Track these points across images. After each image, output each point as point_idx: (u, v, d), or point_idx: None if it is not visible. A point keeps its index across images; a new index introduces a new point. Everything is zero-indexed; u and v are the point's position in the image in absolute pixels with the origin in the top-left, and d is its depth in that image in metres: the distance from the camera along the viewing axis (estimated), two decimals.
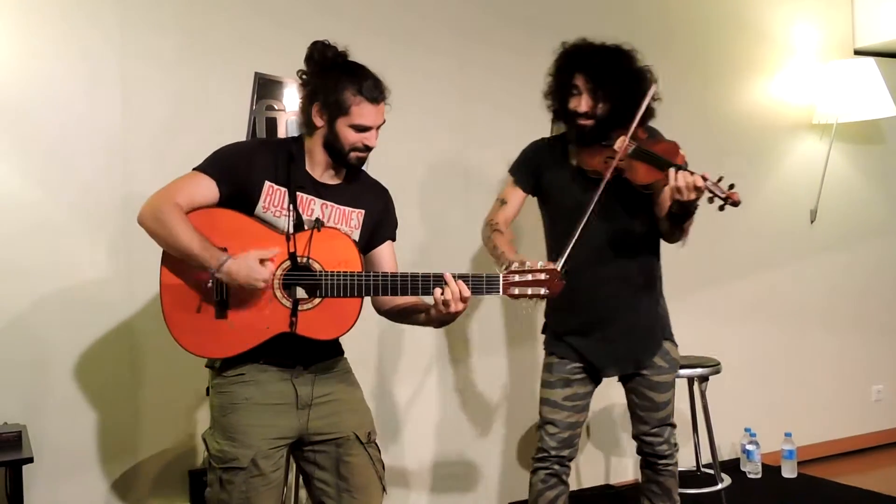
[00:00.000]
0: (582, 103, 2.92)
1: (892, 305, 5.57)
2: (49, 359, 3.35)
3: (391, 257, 2.65)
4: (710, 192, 2.70)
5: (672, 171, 2.73)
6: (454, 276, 2.39)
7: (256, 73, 3.64)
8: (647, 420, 3.17)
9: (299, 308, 2.37)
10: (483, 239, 3.11)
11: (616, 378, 3.19)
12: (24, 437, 3.02)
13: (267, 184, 2.43)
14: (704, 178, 2.71)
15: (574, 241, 2.73)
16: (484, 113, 4.19)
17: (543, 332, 3.25)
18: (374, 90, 2.44)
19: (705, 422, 4.17)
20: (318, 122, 2.45)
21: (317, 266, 2.38)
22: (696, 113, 4.85)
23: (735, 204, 2.70)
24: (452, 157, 4.14)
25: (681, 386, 4.12)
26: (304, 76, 2.50)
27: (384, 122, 2.50)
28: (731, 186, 2.71)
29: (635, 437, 3.23)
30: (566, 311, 3.11)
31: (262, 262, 2.32)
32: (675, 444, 3.22)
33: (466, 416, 4.23)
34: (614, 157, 2.86)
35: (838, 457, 5.26)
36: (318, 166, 2.50)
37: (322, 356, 2.53)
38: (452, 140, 4.14)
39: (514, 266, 2.44)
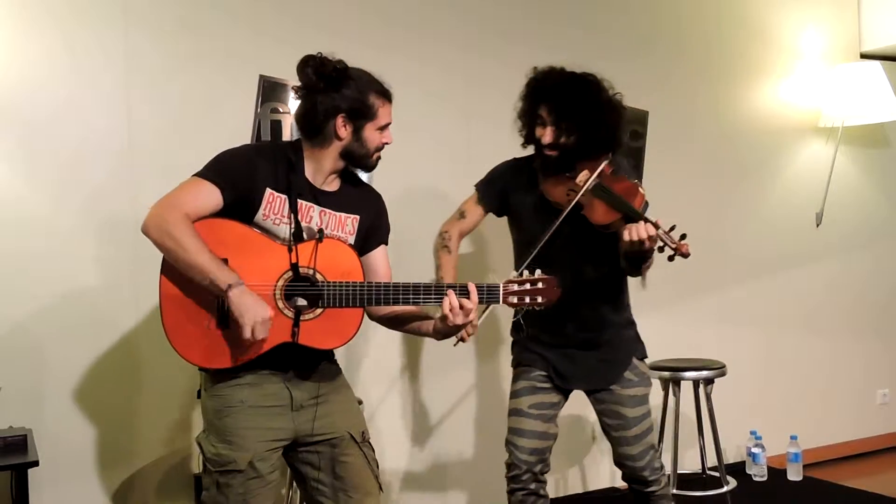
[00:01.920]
0: (546, 134, 2.86)
1: None
2: (54, 363, 3.36)
3: (384, 261, 2.66)
4: (662, 240, 2.65)
5: (625, 226, 2.67)
6: (456, 289, 2.40)
7: (261, 77, 3.64)
8: (623, 441, 3.02)
9: (301, 318, 2.37)
10: (434, 247, 3.11)
11: (585, 396, 3.11)
12: (29, 441, 3.02)
13: (268, 191, 2.41)
14: (657, 227, 2.64)
15: (525, 267, 2.69)
16: (486, 129, 4.19)
17: (512, 349, 3.20)
18: (387, 88, 2.50)
19: (711, 424, 4.16)
20: (343, 133, 2.44)
21: (319, 277, 2.38)
22: (704, 116, 4.85)
23: (684, 256, 2.63)
24: (452, 159, 4.15)
25: (686, 388, 4.13)
26: (306, 90, 2.45)
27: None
28: (683, 237, 2.65)
29: (616, 463, 3.10)
30: (532, 336, 3.07)
31: (264, 323, 2.28)
32: (660, 468, 3.08)
33: (451, 422, 4.24)
34: (576, 190, 2.81)
35: (844, 460, 5.26)
36: (320, 174, 2.49)
37: (317, 361, 2.52)
38: (453, 143, 4.15)
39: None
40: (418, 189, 4.04)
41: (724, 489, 4.13)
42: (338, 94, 2.42)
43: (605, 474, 4.57)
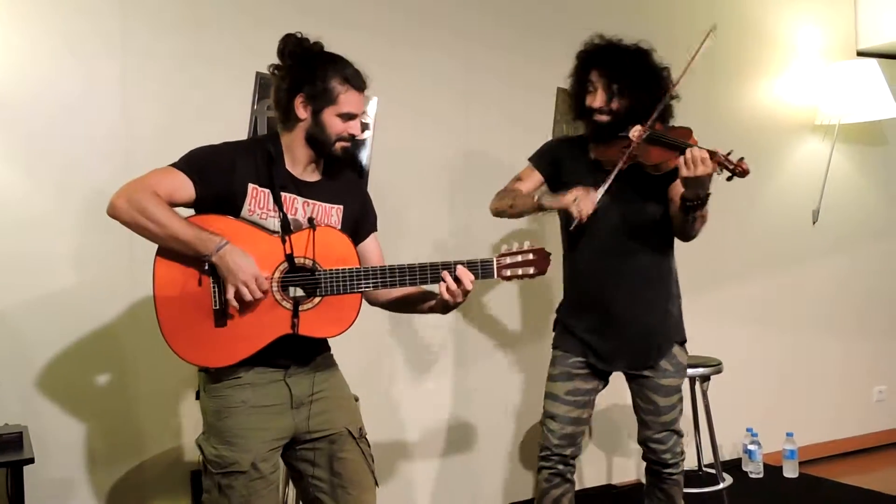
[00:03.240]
0: (597, 98, 2.97)
1: (895, 306, 5.57)
2: (51, 361, 3.35)
3: (376, 248, 2.68)
4: (720, 163, 2.74)
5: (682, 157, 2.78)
6: (451, 269, 2.41)
7: (257, 73, 3.64)
8: (651, 425, 3.14)
9: (300, 308, 2.37)
10: (495, 200, 3.15)
11: (623, 375, 3.18)
12: (24, 438, 3.01)
13: (251, 186, 2.40)
14: (714, 152, 2.75)
15: (607, 188, 2.85)
16: (486, 116, 4.20)
17: (554, 328, 3.25)
18: (359, 78, 2.46)
19: (707, 421, 4.17)
20: (302, 114, 2.42)
21: (316, 265, 2.37)
22: (700, 113, 4.81)
23: (743, 174, 2.74)
24: (451, 156, 4.14)
25: (683, 386, 4.13)
26: (277, 70, 2.48)
27: (365, 111, 2.50)
28: (742, 159, 2.76)
29: (640, 442, 3.21)
30: (578, 304, 3.14)
31: (257, 280, 2.30)
32: (681, 453, 3.18)
33: (470, 415, 4.23)
34: (630, 145, 2.91)
35: (840, 457, 5.27)
36: (298, 163, 2.48)
37: (315, 353, 2.53)
38: (452, 137, 4.14)
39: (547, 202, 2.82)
40: (416, 173, 4.04)
41: (721, 486, 4.14)
42: (302, 73, 2.42)
43: (602, 471, 4.57)
